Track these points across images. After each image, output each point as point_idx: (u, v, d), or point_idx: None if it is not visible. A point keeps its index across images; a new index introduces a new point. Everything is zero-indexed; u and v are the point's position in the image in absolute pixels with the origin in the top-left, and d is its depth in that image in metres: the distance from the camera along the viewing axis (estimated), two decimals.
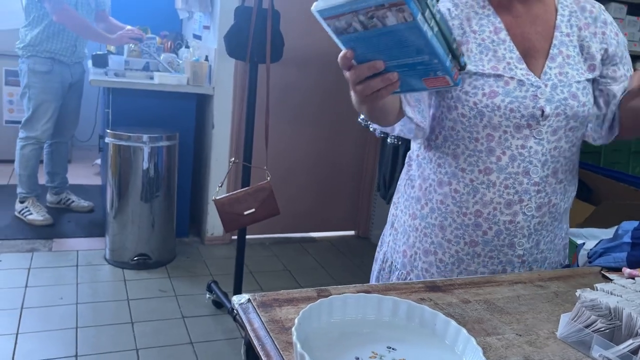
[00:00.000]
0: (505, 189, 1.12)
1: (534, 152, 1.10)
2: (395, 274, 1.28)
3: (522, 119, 1.08)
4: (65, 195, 3.49)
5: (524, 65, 1.10)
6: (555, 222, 1.19)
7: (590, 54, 1.13)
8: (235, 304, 0.87)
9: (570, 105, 1.09)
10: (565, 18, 1.14)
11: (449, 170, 1.16)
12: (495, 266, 1.17)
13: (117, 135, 2.74)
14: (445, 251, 1.19)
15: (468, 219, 1.15)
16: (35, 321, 2.25)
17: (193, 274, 2.87)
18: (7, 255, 2.79)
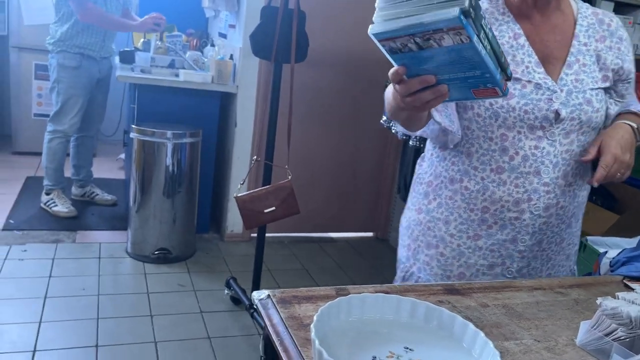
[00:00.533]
0: (515, 188, 1.15)
1: (546, 153, 1.13)
2: (400, 267, 1.33)
3: (536, 120, 1.12)
4: (89, 188, 3.56)
5: (542, 70, 1.14)
6: (562, 224, 1.20)
7: (606, 65, 1.16)
8: (255, 300, 0.88)
9: (585, 110, 1.13)
10: (584, 29, 1.17)
11: (462, 168, 1.20)
12: (495, 259, 1.20)
13: (141, 131, 2.78)
14: (447, 245, 1.23)
15: (475, 215, 1.19)
16: (57, 310, 2.30)
17: (212, 270, 2.90)
18: (33, 246, 2.86)
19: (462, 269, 1.22)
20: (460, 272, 1.22)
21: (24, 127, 4.32)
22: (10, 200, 3.40)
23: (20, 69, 4.24)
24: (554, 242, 1.22)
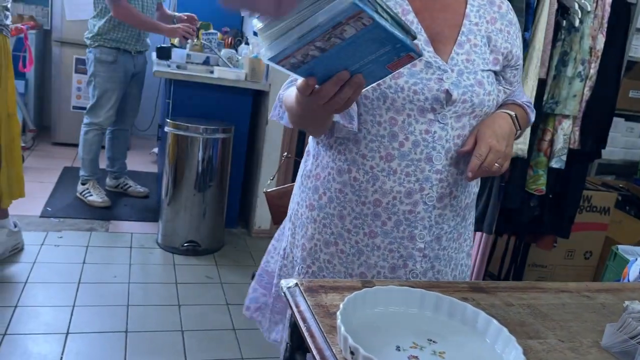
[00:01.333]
0: (406, 177, 1.06)
1: (438, 138, 1.05)
2: (296, 268, 1.23)
3: (426, 102, 1.03)
4: (123, 180, 3.65)
5: (430, 48, 1.06)
6: (457, 217, 1.13)
7: (497, 48, 1.10)
8: (283, 287, 0.91)
9: (477, 92, 1.05)
10: (474, 8, 1.10)
11: (349, 157, 1.10)
12: (396, 260, 1.10)
13: (176, 125, 2.85)
14: (345, 241, 1.13)
15: (367, 209, 1.09)
16: (90, 296, 2.38)
17: (239, 264, 2.95)
18: (68, 233, 2.95)
19: (362, 269, 1.13)
20: (361, 271, 1.13)
21: (63, 119, 4.46)
22: (48, 188, 3.51)
23: (61, 63, 4.38)
24: (453, 238, 1.13)
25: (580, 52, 2.00)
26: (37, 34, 4.37)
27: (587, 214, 2.65)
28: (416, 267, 1.10)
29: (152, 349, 2.09)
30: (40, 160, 4.08)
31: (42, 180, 3.63)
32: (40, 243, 2.77)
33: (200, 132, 2.85)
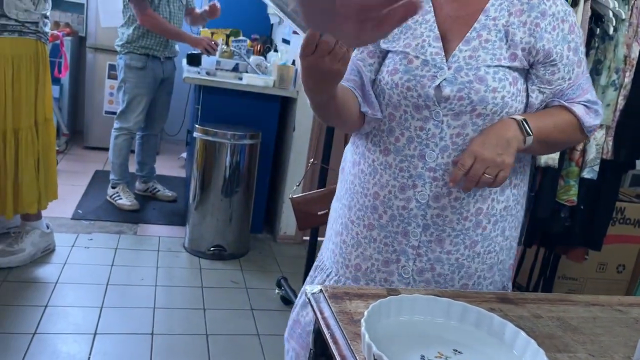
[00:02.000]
0: (400, 172, 1.08)
1: (432, 135, 1.04)
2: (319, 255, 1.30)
3: (420, 98, 1.04)
4: (152, 184, 3.71)
5: (439, 44, 1.05)
6: (465, 221, 1.07)
7: (514, 42, 1.03)
8: (307, 293, 0.90)
9: (476, 89, 1.01)
10: (497, 2, 1.05)
11: (360, 151, 1.16)
12: (390, 254, 1.11)
13: (204, 131, 2.88)
14: (348, 232, 1.17)
15: (368, 201, 1.13)
16: (118, 297, 2.42)
17: (264, 269, 2.96)
18: (98, 235, 3.01)
19: (359, 260, 1.16)
20: (357, 262, 1.16)
21: (95, 124, 4.57)
22: (79, 191, 3.59)
23: (95, 69, 4.49)
24: (462, 243, 1.09)
25: (615, 61, 1.95)
26: (72, 41, 4.48)
27: (620, 226, 2.58)
28: (409, 264, 1.10)
29: (177, 352, 2.10)
30: (72, 163, 4.17)
31: (74, 183, 3.71)
32: (70, 245, 2.83)
33: (228, 138, 2.88)
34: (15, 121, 2.33)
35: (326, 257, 1.24)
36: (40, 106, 2.41)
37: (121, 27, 3.33)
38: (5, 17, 2.23)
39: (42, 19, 2.36)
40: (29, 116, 2.36)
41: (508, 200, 1.11)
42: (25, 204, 2.44)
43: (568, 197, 2.07)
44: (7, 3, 2.21)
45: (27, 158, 2.39)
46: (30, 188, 2.43)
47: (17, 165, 2.38)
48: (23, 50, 2.30)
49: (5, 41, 2.26)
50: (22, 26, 2.28)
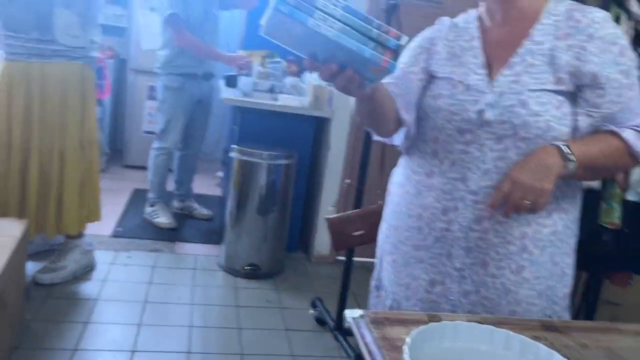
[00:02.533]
0: (443, 194, 1.09)
1: (474, 159, 1.06)
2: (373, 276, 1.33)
3: (463, 122, 1.06)
4: (189, 202, 3.78)
5: (483, 71, 1.08)
6: (510, 245, 1.06)
7: (559, 66, 1.02)
8: (348, 318, 0.91)
9: (518, 113, 1.01)
10: (543, 27, 1.05)
11: (406, 173, 1.19)
12: (435, 275, 1.13)
13: (241, 151, 2.93)
14: (398, 252, 1.20)
15: (413, 222, 1.15)
16: (155, 315, 2.46)
17: (298, 289, 2.96)
18: (136, 253, 3.07)
19: (408, 279, 1.17)
20: (407, 282, 1.18)
21: (135, 143, 4.69)
22: (118, 209, 3.68)
23: (135, 90, 4.63)
24: (508, 267, 1.07)
25: None
26: (114, 63, 4.64)
27: None
28: (453, 287, 1.12)
29: None
30: (112, 182, 4.29)
31: (114, 201, 3.81)
32: (110, 262, 2.90)
33: (264, 157, 2.91)
34: (61, 142, 2.41)
35: (383, 276, 1.27)
36: (87, 128, 2.49)
37: (160, 49, 3.43)
38: (55, 43, 2.33)
39: (89, 43, 2.45)
40: (74, 137, 2.44)
41: (556, 225, 1.09)
42: (66, 225, 2.50)
43: (611, 219, 2.01)
44: (58, 29, 2.31)
45: (71, 179, 2.46)
46: (73, 209, 2.50)
47: (62, 185, 2.45)
48: (71, 74, 2.39)
49: (55, 65, 2.36)
50: (71, 51, 2.38)
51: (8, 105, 2.37)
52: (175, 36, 3.27)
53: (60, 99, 2.38)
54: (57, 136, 2.39)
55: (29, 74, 2.34)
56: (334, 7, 0.83)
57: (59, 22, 2.30)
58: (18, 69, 2.35)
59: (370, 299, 1.35)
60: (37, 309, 2.34)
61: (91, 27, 2.44)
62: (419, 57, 1.19)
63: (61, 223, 2.49)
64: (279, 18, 0.81)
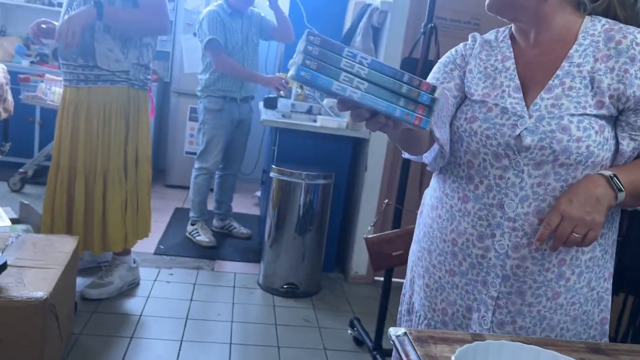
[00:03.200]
0: (478, 220, 1.06)
1: (511, 185, 1.03)
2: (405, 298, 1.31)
3: (499, 147, 1.03)
4: (228, 221, 3.85)
5: (519, 95, 1.05)
6: (547, 272, 1.04)
7: (600, 89, 0.99)
8: (392, 336, 0.92)
9: (558, 138, 0.98)
10: (581, 48, 1.02)
11: (438, 195, 1.16)
12: (471, 302, 1.11)
13: (280, 171, 2.99)
14: (430, 276, 1.18)
15: (447, 247, 1.13)
16: (196, 332, 2.51)
17: (336, 309, 2.97)
18: (178, 270, 3.15)
19: (444, 305, 1.16)
20: (443, 307, 1.16)
21: (176, 163, 4.83)
22: (161, 228, 3.79)
23: (177, 112, 4.78)
24: (544, 295, 1.05)
25: None
26: (158, 86, 4.82)
27: None
28: (488, 315, 1.09)
29: None
30: (154, 201, 4.38)
31: (156, 220, 3.91)
32: (153, 279, 2.98)
33: (302, 177, 2.96)
34: (103, 163, 2.50)
35: (415, 300, 1.25)
36: (131, 149, 2.57)
37: (200, 73, 3.56)
38: (97, 68, 2.44)
39: (134, 67, 2.52)
40: (117, 158, 2.52)
41: (594, 251, 1.07)
42: (110, 242, 2.58)
43: None
44: (99, 55, 2.42)
45: (113, 198, 2.54)
46: (116, 227, 2.57)
47: (105, 205, 2.54)
48: (114, 97, 2.47)
49: (98, 90, 2.46)
50: (113, 75, 2.46)
51: (59, 128, 2.52)
52: (214, 60, 3.39)
53: (103, 121, 2.47)
54: (99, 157, 2.49)
55: (77, 98, 2.46)
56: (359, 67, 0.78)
57: (100, 48, 2.40)
58: (69, 94, 2.48)
59: (401, 323, 1.33)
60: (85, 323, 2.42)
61: (135, 50, 2.49)
62: (453, 73, 1.16)
63: (106, 240, 2.58)
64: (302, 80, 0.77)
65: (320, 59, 0.77)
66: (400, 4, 3.08)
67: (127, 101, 2.52)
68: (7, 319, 1.68)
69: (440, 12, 2.88)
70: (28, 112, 4.40)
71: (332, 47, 0.77)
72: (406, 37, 3.09)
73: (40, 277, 1.84)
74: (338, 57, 0.77)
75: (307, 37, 0.77)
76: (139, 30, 2.46)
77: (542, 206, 1.02)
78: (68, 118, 2.48)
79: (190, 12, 4.63)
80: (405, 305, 1.31)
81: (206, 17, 3.39)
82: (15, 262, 1.92)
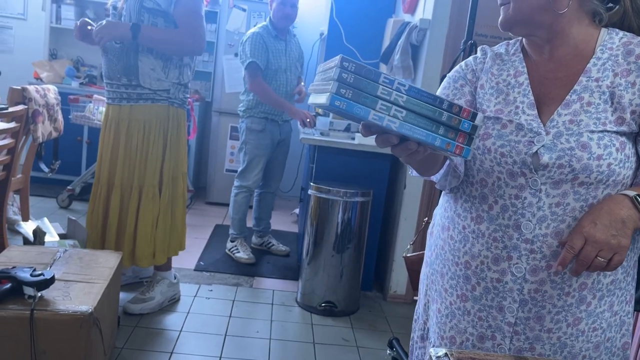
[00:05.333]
0: (493, 242, 1.01)
1: (528, 205, 0.97)
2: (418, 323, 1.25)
3: (515, 165, 0.97)
4: (267, 239, 3.88)
5: (534, 112, 0.99)
6: (567, 297, 0.98)
7: (621, 105, 0.95)
8: (432, 356, 0.91)
9: (578, 156, 0.93)
10: (600, 62, 0.98)
11: (449, 215, 1.11)
12: (484, 329, 1.04)
13: (319, 189, 3.00)
14: (442, 301, 1.12)
15: (459, 270, 1.07)
16: (235, 348, 2.52)
17: (375, 328, 2.93)
18: (217, 286, 3.19)
19: (453, 332, 1.09)
20: (451, 335, 1.10)
21: (217, 181, 4.91)
22: (201, 244, 3.84)
23: (218, 130, 4.88)
24: (564, 320, 0.99)
25: None
26: (200, 105, 4.93)
27: None
28: (505, 342, 1.04)
29: None
30: (195, 217, 4.49)
31: (196, 236, 3.98)
32: (193, 295, 3.02)
33: (341, 195, 2.96)
34: (140, 178, 2.57)
35: (430, 326, 1.20)
36: (167, 166, 2.62)
37: (242, 94, 3.63)
38: (140, 87, 2.52)
39: (174, 86, 2.59)
40: (153, 175, 2.58)
41: (616, 273, 1.03)
42: (137, 257, 2.62)
43: None
44: (142, 74, 2.50)
45: (145, 214, 2.59)
46: (145, 243, 2.61)
47: (137, 220, 2.59)
48: (154, 115, 2.54)
49: (139, 108, 2.54)
50: (154, 94, 2.54)
51: (101, 145, 2.61)
52: (249, 82, 3.46)
53: (142, 138, 2.55)
54: (136, 172, 2.56)
55: (119, 116, 2.55)
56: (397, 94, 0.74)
57: (143, 67, 2.49)
58: (112, 112, 2.58)
59: (413, 350, 1.27)
60: (127, 337, 2.47)
61: (175, 69, 2.56)
62: (463, 89, 1.11)
63: (134, 255, 2.62)
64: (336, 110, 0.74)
65: (356, 86, 0.73)
66: (440, 22, 3.07)
67: (166, 119, 2.59)
68: (53, 331, 1.74)
69: (479, 29, 2.86)
70: (76, 131, 4.59)
71: (367, 73, 0.74)
72: (445, 54, 3.07)
73: (86, 291, 1.90)
74: (374, 84, 0.74)
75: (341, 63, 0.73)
76: (174, 51, 2.53)
77: (561, 227, 0.97)
78: (110, 135, 2.57)
79: (231, 34, 4.74)
80: (419, 331, 1.25)
81: (249, 40, 3.46)
82: (62, 276, 1.98)
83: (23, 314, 1.70)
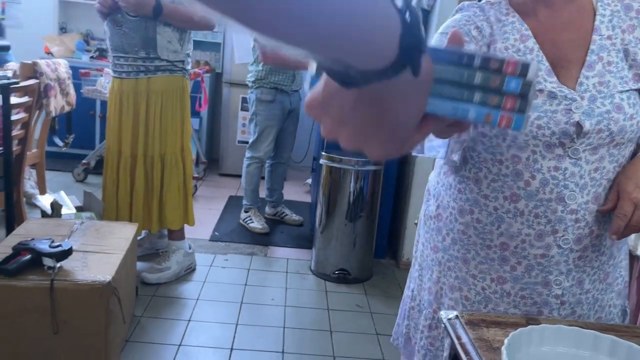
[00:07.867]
0: (535, 219, 0.96)
1: (570, 175, 0.94)
2: (423, 312, 1.17)
3: (553, 136, 0.93)
4: (280, 209, 3.91)
5: (553, 78, 0.95)
6: (601, 256, 1.00)
7: (636, 62, 0.93)
8: (443, 318, 0.92)
9: (615, 119, 0.92)
10: (606, 19, 0.95)
11: (470, 197, 1.03)
12: (529, 307, 1.02)
13: (330, 158, 3.00)
14: (470, 288, 1.06)
15: (493, 252, 1.02)
16: (251, 315, 2.57)
17: (388, 295, 2.97)
18: (233, 256, 3.23)
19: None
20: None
21: (229, 152, 4.93)
22: (216, 215, 3.88)
23: (229, 102, 4.87)
24: (598, 279, 1.02)
25: None
26: (210, 77, 4.91)
27: None
28: (553, 315, 1.02)
29: None
30: (209, 189, 4.53)
31: (211, 208, 4.02)
32: (209, 264, 3.07)
33: (353, 164, 2.96)
34: (162, 147, 2.63)
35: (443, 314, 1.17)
36: (187, 134, 2.70)
37: (251, 65, 3.60)
38: (158, 59, 2.53)
39: (187, 57, 2.65)
40: (174, 143, 2.66)
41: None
42: (168, 220, 2.72)
43: None
44: (160, 47, 2.52)
45: (171, 180, 2.68)
46: (173, 207, 2.71)
47: (162, 186, 2.68)
48: (172, 86, 2.61)
49: (158, 79, 2.57)
50: (172, 65, 2.58)
51: (119, 119, 2.63)
52: (261, 53, 3.41)
53: (162, 109, 2.60)
54: (158, 142, 2.62)
55: (137, 89, 2.57)
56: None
57: (162, 40, 2.51)
58: (129, 85, 2.58)
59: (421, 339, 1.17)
60: (146, 306, 2.53)
61: (188, 42, 2.64)
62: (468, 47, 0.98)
63: (163, 219, 2.72)
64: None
65: None
66: None
67: (182, 89, 2.65)
68: (73, 301, 1.78)
69: None
70: (89, 105, 4.61)
71: None
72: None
73: (104, 262, 1.94)
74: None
75: None
76: (189, 27, 2.59)
77: (599, 191, 0.97)
78: (128, 108, 2.59)
79: None
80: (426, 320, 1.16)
81: None
82: (80, 248, 2.02)
83: (43, 284, 1.75)
